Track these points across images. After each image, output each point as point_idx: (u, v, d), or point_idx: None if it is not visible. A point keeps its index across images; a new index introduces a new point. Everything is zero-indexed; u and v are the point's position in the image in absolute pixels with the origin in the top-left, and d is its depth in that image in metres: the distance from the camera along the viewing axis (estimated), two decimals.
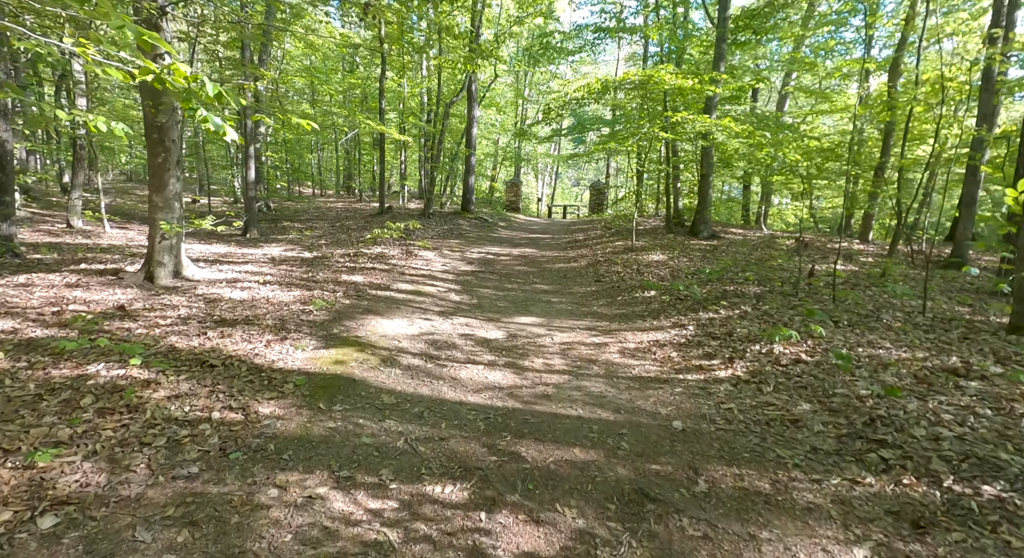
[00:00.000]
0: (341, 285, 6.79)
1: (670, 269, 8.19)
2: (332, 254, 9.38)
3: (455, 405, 3.54)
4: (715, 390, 3.86)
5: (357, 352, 4.36)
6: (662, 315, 5.93)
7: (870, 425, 3.09)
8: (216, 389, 3.33)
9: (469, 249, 11.16)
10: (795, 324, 5.01)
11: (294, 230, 12.96)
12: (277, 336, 4.48)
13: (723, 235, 11.71)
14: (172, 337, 4.21)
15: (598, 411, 3.53)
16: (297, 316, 5.17)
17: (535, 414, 3.45)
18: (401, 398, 3.60)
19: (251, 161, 11.64)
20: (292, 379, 3.67)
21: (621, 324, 5.81)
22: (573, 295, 7.34)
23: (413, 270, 8.38)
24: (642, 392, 3.89)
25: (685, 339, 5.04)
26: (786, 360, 4.19)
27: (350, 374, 3.89)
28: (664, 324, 5.63)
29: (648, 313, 6.12)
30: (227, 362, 3.78)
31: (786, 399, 3.57)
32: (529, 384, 3.99)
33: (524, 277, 8.54)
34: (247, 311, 5.18)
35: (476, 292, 7.26)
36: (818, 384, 3.74)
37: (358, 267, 8.13)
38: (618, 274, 8.33)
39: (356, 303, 5.98)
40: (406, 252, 9.82)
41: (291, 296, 5.95)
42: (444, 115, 14.70)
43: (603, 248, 11.08)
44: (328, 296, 6.09)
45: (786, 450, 2.94)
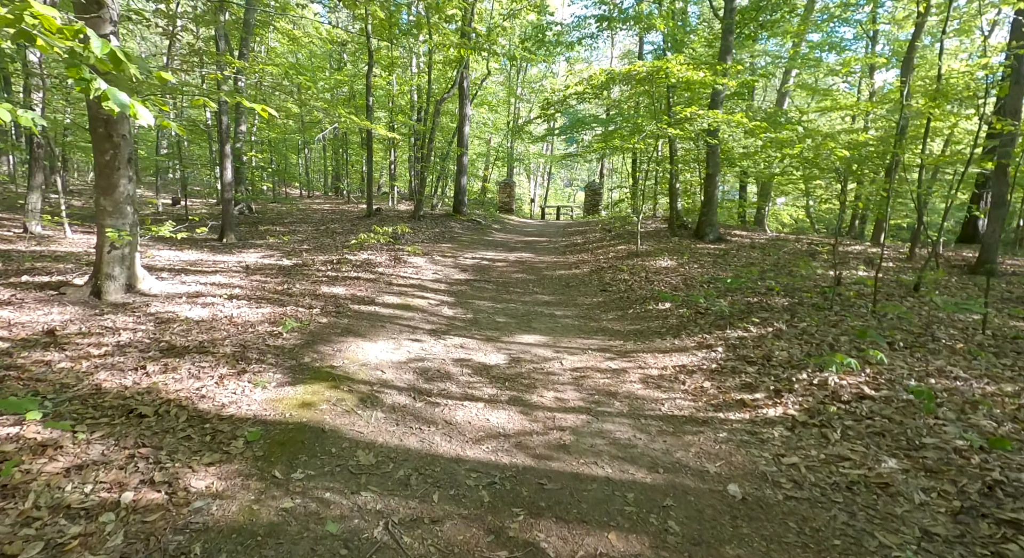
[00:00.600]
0: (319, 299, 5.99)
1: (682, 277, 7.48)
2: (313, 261, 8.56)
3: (450, 463, 2.78)
4: (768, 435, 3.14)
5: (331, 389, 3.57)
6: (683, 332, 5.21)
7: (989, 495, 2.38)
8: (139, 453, 2.54)
9: (462, 254, 10.38)
10: (843, 346, 4.31)
11: (275, 234, 12.10)
12: (234, 369, 3.68)
13: (729, 238, 11.05)
14: (101, 373, 3.40)
15: (630, 469, 2.79)
16: (263, 340, 4.37)
17: (552, 475, 2.71)
18: (382, 454, 2.83)
19: (227, 161, 10.78)
20: (244, 431, 2.89)
21: (638, 343, 5.08)
22: (579, 307, 6.61)
23: (402, 279, 7.59)
24: (679, 438, 3.15)
25: (716, 364, 4.32)
26: (847, 395, 3.48)
27: (319, 422, 3.11)
28: (687, 344, 4.91)
29: (666, 330, 5.40)
30: (162, 409, 2.99)
31: (863, 451, 2.86)
32: (540, 429, 3.24)
33: (523, 286, 7.79)
34: (203, 335, 4.37)
35: (472, 305, 6.49)
36: (897, 430, 3.03)
37: (340, 277, 7.33)
38: (625, 282, 7.61)
39: (335, 322, 5.19)
40: (394, 258, 9.03)
41: (260, 314, 5.15)
42: (434, 112, 13.91)
43: (605, 253, 10.36)
44: (303, 314, 5.29)
45: (890, 535, 2.21)
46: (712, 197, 10.87)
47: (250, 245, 10.58)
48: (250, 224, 13.50)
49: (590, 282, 8.00)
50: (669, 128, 8.23)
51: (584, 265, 9.34)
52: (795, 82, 17.24)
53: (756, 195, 21.17)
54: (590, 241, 12.33)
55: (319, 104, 8.04)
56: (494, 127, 25.32)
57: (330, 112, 8.08)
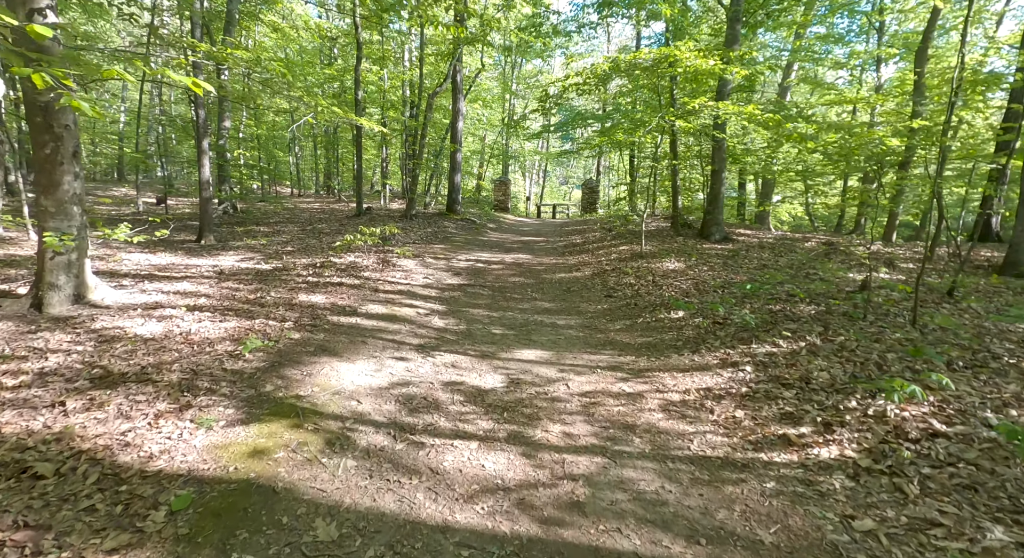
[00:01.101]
0: (295, 309, 5.34)
1: (692, 281, 6.89)
2: (294, 265, 7.90)
3: (435, 534, 2.16)
4: (827, 486, 2.54)
5: (292, 429, 2.94)
6: (702, 346, 4.60)
7: None
8: (12, 539, 1.89)
9: (456, 256, 9.74)
10: (893, 365, 3.71)
11: (258, 235, 11.40)
12: (176, 403, 3.04)
13: (735, 237, 10.46)
14: (6, 413, 2.75)
15: (664, 539, 2.18)
16: (220, 363, 3.73)
17: (565, 550, 2.09)
18: (348, 523, 2.20)
19: (205, 157, 10.08)
20: (170, 496, 2.25)
21: (652, 359, 4.47)
22: (582, 315, 5.99)
23: (389, 285, 6.95)
24: (717, 491, 2.54)
25: (746, 386, 3.72)
26: (914, 431, 2.88)
27: (271, 478, 2.47)
28: (709, 360, 4.30)
29: (683, 343, 4.79)
30: (67, 466, 2.34)
31: (955, 514, 2.26)
32: (548, 478, 2.62)
33: (521, 291, 7.16)
34: (150, 357, 3.72)
35: (465, 314, 5.86)
36: (992, 482, 2.43)
37: (322, 283, 6.67)
38: (631, 287, 7.00)
39: (309, 338, 4.54)
40: (382, 261, 8.38)
41: (222, 329, 4.49)
42: (427, 107, 13.23)
43: (607, 254, 9.75)
44: (273, 328, 4.64)
45: None
46: (718, 195, 10.28)
47: (230, 247, 9.89)
48: (233, 224, 12.79)
49: (593, 287, 7.38)
50: (677, 121, 7.62)
51: (586, 267, 8.72)
52: (797, 76, 16.70)
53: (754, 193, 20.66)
54: (590, 241, 11.71)
55: (295, 93, 7.35)
56: (489, 124, 24.65)
57: (308, 101, 7.40)
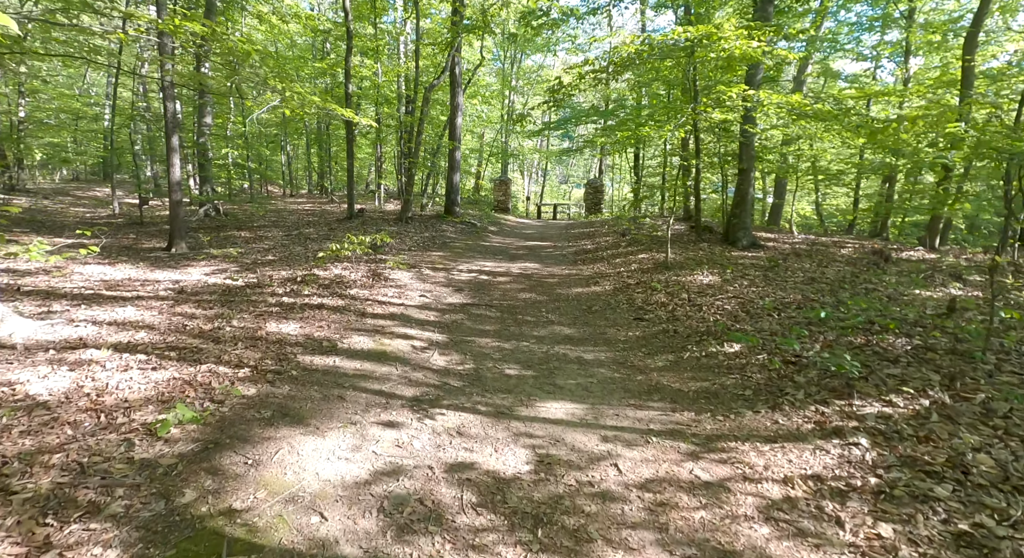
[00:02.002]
0: (258, 346, 4.20)
1: (736, 300, 5.78)
2: (271, 279, 6.75)
3: None
4: None
5: None
6: (782, 400, 3.49)
7: None
8: None
9: (456, 266, 8.61)
10: None
11: (238, 242, 10.23)
12: (27, 543, 1.90)
13: (763, 243, 9.37)
14: None
15: None
16: (125, 449, 2.59)
17: None
18: None
19: (175, 156, 8.90)
20: None
21: (719, 417, 3.36)
22: (612, 346, 4.88)
23: (379, 306, 5.81)
24: None
25: (873, 475, 2.61)
26: None
27: None
28: (799, 423, 3.20)
29: (752, 392, 3.68)
30: None
31: None
32: None
33: (534, 311, 6.04)
34: (28, 439, 2.58)
35: (470, 346, 4.74)
36: None
37: (299, 304, 5.53)
38: (664, 307, 5.89)
39: (267, 394, 3.41)
40: (373, 274, 7.24)
41: (150, 384, 3.35)
42: (423, 101, 12.06)
43: (625, 263, 8.64)
44: (221, 379, 3.49)
45: None
46: (746, 196, 9.19)
47: (203, 256, 8.72)
48: (212, 229, 11.61)
49: (618, 305, 6.26)
50: (714, 112, 6.51)
51: (604, 280, 7.60)
52: (813, 69, 15.61)
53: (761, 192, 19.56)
54: (602, 247, 10.60)
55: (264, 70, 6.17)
56: (488, 121, 23.47)
57: (274, 84, 6.23)
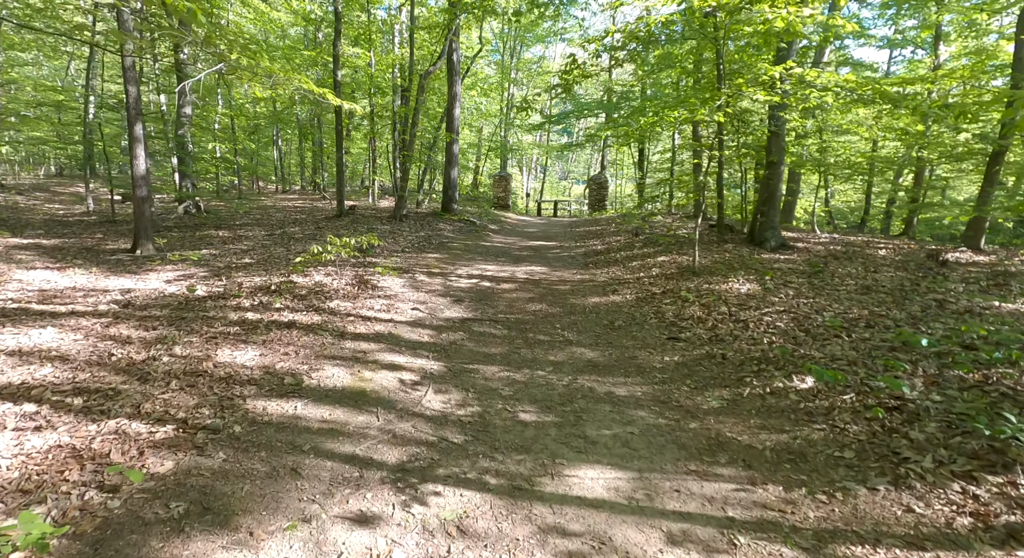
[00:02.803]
0: (197, 386, 3.20)
1: (788, 315, 4.81)
2: (239, 288, 5.74)
3: None
4: None
5: None
6: (907, 471, 2.50)
7: None
8: None
9: (454, 270, 7.61)
10: None
11: (214, 242, 9.20)
12: None
13: (792, 243, 8.41)
14: None
15: None
16: None
17: None
18: None
19: (139, 147, 7.85)
20: None
21: (819, 499, 2.38)
22: (648, 375, 3.90)
23: (363, 323, 4.81)
24: None
25: None
26: None
27: None
28: (945, 515, 2.21)
29: (855, 454, 2.70)
30: None
31: None
32: None
33: (547, 328, 5.05)
34: None
35: (473, 378, 3.75)
36: None
37: (265, 322, 4.53)
38: (702, 323, 4.91)
39: (189, 469, 2.40)
40: (359, 281, 6.23)
41: (21, 455, 2.34)
42: (419, 89, 11.02)
43: (643, 267, 7.65)
44: (127, 445, 2.48)
45: None
46: (775, 192, 8.21)
47: (172, 259, 7.70)
48: (189, 228, 10.56)
49: (645, 320, 5.27)
50: (759, 93, 5.52)
51: (624, 288, 6.60)
52: (833, 57, 14.61)
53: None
54: (614, 248, 9.60)
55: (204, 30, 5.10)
56: (486, 114, 22.39)
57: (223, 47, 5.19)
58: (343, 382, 3.49)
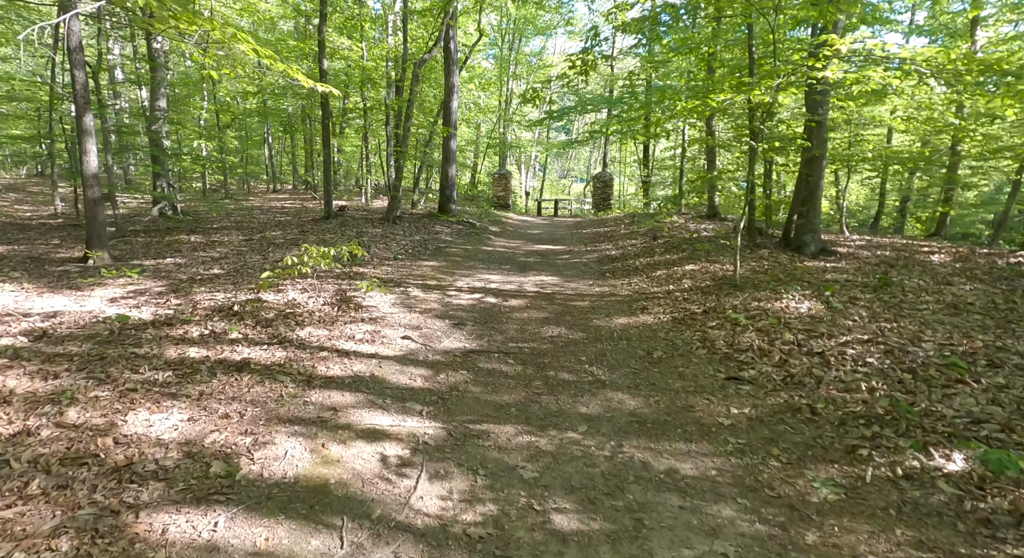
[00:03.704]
0: (70, 489, 2.10)
1: (875, 344, 3.77)
2: (194, 310, 4.65)
3: None
4: None
5: None
6: None
7: None
8: None
9: (453, 282, 6.54)
10: None
11: (183, 249, 8.09)
12: None
13: (831, 247, 7.38)
14: None
15: None
16: None
17: None
18: None
19: (89, 141, 6.72)
20: None
21: None
22: (715, 439, 2.85)
23: (339, 360, 3.74)
24: None
25: None
26: None
27: None
28: None
29: None
30: None
31: None
32: None
33: (570, 362, 3.99)
34: None
35: (483, 450, 2.69)
36: None
37: (211, 362, 3.45)
38: (767, 357, 3.86)
39: None
40: (340, 300, 5.16)
41: None
42: (412, 78, 9.91)
43: (670, 277, 6.58)
44: None
45: None
46: (816, 190, 7.18)
47: (128, 270, 6.60)
48: (159, 233, 9.43)
49: (690, 350, 4.21)
50: (826, 70, 4.46)
51: (653, 304, 5.54)
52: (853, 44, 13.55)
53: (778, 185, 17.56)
54: (630, 253, 8.55)
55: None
56: (485, 109, 21.27)
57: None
58: (299, 467, 2.41)
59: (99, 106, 8.38)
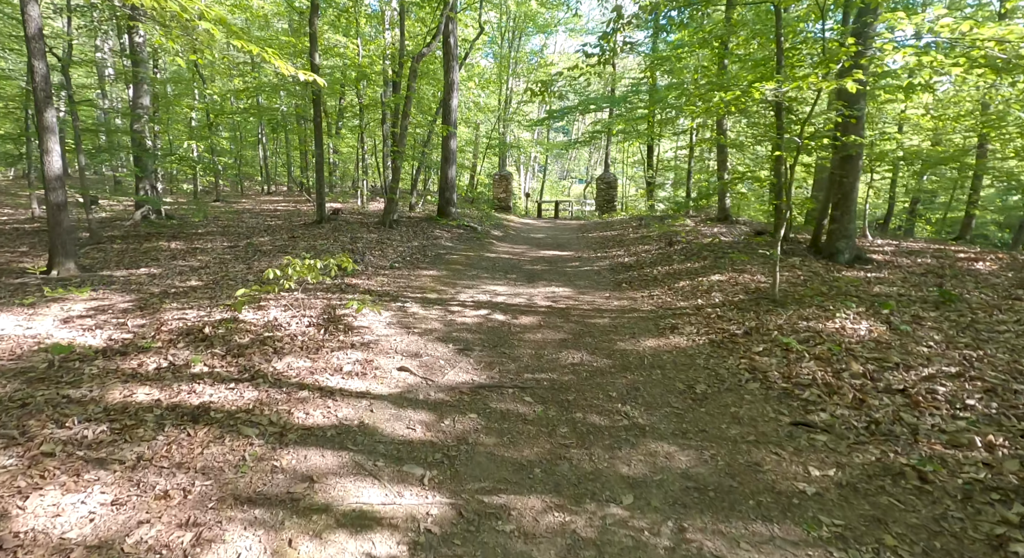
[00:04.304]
0: None
1: (966, 379, 3.10)
2: (157, 333, 3.96)
3: None
4: None
5: None
6: None
7: None
8: None
9: (456, 294, 5.86)
10: None
11: (161, 258, 7.38)
12: None
13: (865, 254, 6.73)
14: None
15: None
16: None
17: None
18: None
19: (51, 139, 6.01)
20: None
21: None
22: (803, 518, 2.17)
23: (321, 403, 3.05)
24: None
25: None
26: None
27: None
28: None
29: None
30: None
31: None
32: None
33: (599, 399, 3.32)
34: None
35: (502, 540, 2.01)
36: None
37: (160, 409, 2.76)
38: (836, 393, 3.18)
39: None
40: (328, 320, 4.47)
41: None
42: (410, 73, 9.23)
43: (696, 289, 5.90)
44: None
45: None
46: (851, 192, 6.53)
47: (99, 280, 5.90)
48: (138, 239, 8.71)
49: (739, 383, 3.53)
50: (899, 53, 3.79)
51: (683, 322, 4.85)
52: None
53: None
54: (646, 261, 7.88)
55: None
56: (485, 109, 20.59)
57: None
58: None
59: (70, 102, 7.67)
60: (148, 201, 10.26)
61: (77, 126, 7.64)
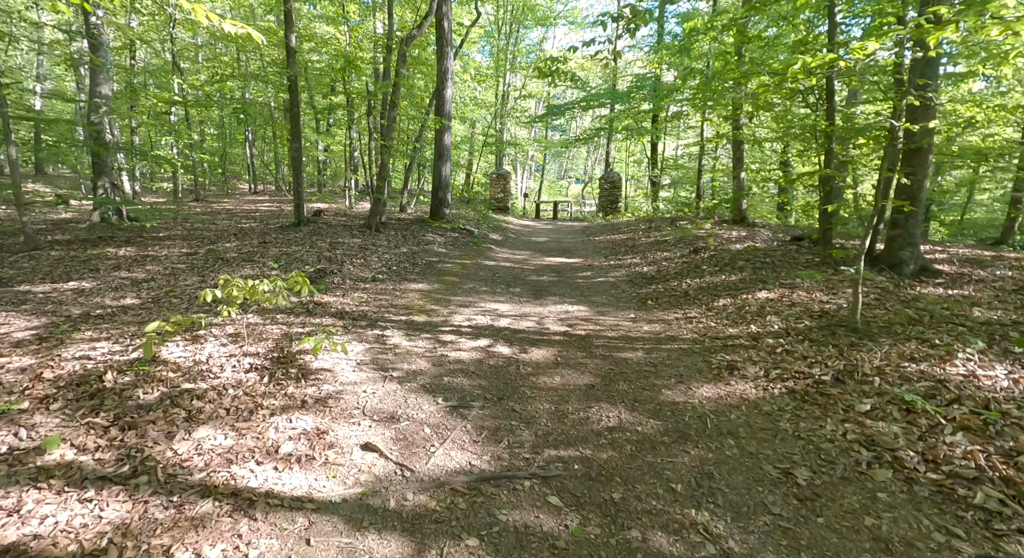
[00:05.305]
0: None
1: None
2: (26, 388, 2.77)
3: None
4: None
5: None
6: None
7: None
8: None
9: (449, 317, 4.70)
10: None
11: (101, 268, 6.17)
12: None
13: (932, 265, 5.65)
14: None
15: None
16: None
17: None
18: None
19: None
20: None
21: None
22: None
23: (230, 523, 1.88)
24: None
25: None
26: None
27: None
28: None
29: None
30: None
31: None
32: None
33: (654, 497, 2.19)
34: None
35: None
36: None
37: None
38: (1017, 489, 2.08)
39: None
40: (276, 361, 3.30)
41: None
42: (399, 58, 8.06)
43: (743, 310, 4.77)
44: None
45: None
46: (920, 191, 5.43)
47: (9, 298, 4.71)
48: (84, 244, 7.48)
49: (854, 462, 2.40)
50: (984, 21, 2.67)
51: (741, 359, 3.72)
52: None
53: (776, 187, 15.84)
54: (670, 272, 6.74)
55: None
56: (482, 103, 19.40)
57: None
58: None
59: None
60: (106, 202, 9.01)
61: (5, 112, 6.42)
